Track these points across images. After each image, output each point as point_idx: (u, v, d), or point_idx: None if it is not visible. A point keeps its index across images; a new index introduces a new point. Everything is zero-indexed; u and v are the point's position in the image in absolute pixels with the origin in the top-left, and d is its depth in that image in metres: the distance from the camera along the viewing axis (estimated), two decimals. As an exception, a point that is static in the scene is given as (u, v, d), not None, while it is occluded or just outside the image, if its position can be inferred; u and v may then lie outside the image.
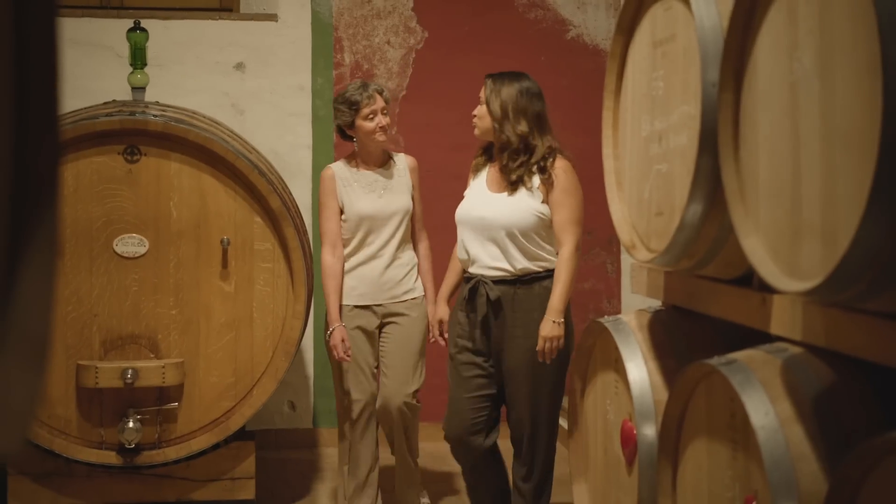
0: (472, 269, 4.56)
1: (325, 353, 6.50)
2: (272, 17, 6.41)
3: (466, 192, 4.67)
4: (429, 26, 6.59)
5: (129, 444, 5.01)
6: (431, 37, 6.59)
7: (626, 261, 6.71)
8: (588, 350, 3.99)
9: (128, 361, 5.01)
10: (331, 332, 4.93)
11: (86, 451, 5.05)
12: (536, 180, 4.49)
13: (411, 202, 5.06)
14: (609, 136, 3.86)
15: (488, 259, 4.52)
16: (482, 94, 4.58)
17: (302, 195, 6.39)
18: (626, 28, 3.73)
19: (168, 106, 5.34)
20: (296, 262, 5.08)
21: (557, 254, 4.51)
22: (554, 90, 6.73)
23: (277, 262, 5.11)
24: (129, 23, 5.52)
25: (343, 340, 4.89)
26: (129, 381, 4.93)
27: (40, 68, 1.24)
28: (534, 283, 4.51)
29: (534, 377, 4.52)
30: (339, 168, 5.03)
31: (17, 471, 5.09)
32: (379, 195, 4.99)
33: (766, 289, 2.96)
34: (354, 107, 4.93)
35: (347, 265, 4.98)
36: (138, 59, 5.36)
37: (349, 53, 6.52)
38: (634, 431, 3.56)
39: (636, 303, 5.99)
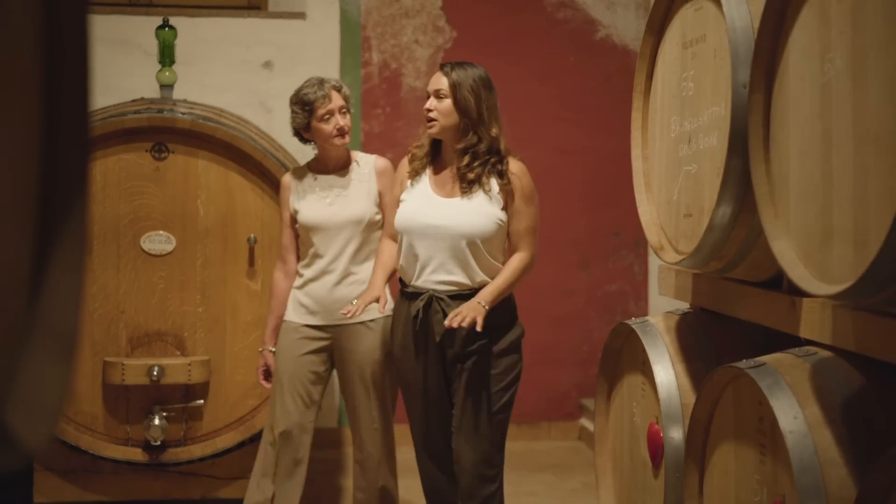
0: (420, 283, 3.98)
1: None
2: (300, 16, 6.41)
3: (404, 197, 4.06)
4: (457, 26, 6.58)
5: (155, 441, 5.02)
6: (460, 36, 6.58)
7: (653, 262, 6.69)
8: (615, 352, 3.98)
9: (154, 358, 5.02)
10: (260, 353, 4.66)
11: (112, 447, 5.06)
12: (495, 185, 3.94)
13: (374, 210, 4.46)
14: (638, 136, 3.85)
15: (442, 272, 3.94)
16: (443, 87, 3.97)
17: (329, 194, 6.39)
18: (656, 28, 3.72)
19: (196, 104, 5.35)
20: (323, 261, 5.07)
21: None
22: (582, 91, 6.72)
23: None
24: (158, 20, 5.53)
25: (266, 367, 4.60)
26: (156, 378, 4.94)
27: (70, 66, 1.24)
28: None
29: (484, 392, 3.98)
30: (295, 174, 4.56)
31: (43, 467, 5.11)
32: (330, 203, 4.47)
33: (796, 292, 2.94)
34: (308, 107, 4.41)
35: (300, 280, 4.51)
36: (167, 56, 5.37)
37: (377, 52, 6.52)
38: (661, 434, 3.55)
39: (664, 305, 5.97)
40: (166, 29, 5.41)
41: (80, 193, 1.22)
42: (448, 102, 3.95)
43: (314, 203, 4.46)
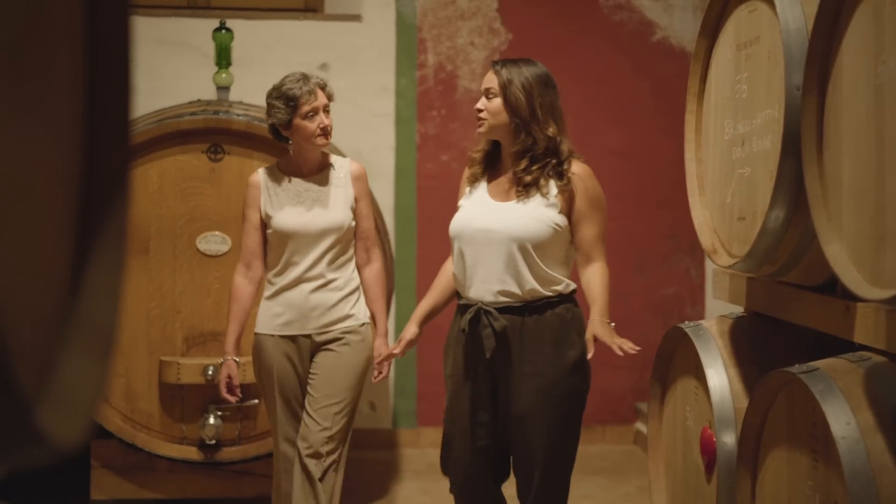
0: (471, 294, 3.70)
1: (405, 355, 6.51)
2: (356, 18, 6.44)
3: (462, 203, 3.82)
4: (513, 28, 6.58)
5: (210, 440, 5.06)
6: (515, 39, 6.58)
7: (710, 266, 6.64)
8: (668, 356, 3.96)
9: (209, 358, 5.06)
10: (220, 365, 4.32)
11: (167, 445, 5.11)
12: (554, 187, 3.67)
13: (351, 216, 4.20)
14: (692, 139, 3.83)
15: (493, 281, 3.66)
16: (493, 85, 3.71)
17: (384, 196, 6.41)
18: (710, 30, 3.69)
19: (251, 105, 5.39)
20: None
21: (585, 275, 3.75)
22: (639, 93, 6.69)
23: (357, 262, 5.12)
24: (216, 23, 5.58)
25: (230, 378, 4.24)
26: (211, 377, 4.98)
27: (112, 67, 1.25)
28: (545, 310, 3.68)
29: (545, 424, 3.68)
30: (265, 175, 4.22)
31: (100, 464, 5.17)
32: (307, 208, 4.16)
33: (850, 296, 2.91)
34: (292, 103, 4.09)
35: (271, 289, 4.18)
36: (223, 58, 5.41)
37: (433, 54, 6.53)
38: (714, 439, 3.53)
39: (720, 309, 5.93)
40: (223, 31, 5.45)
41: (121, 193, 1.23)
42: (498, 101, 3.69)
43: (289, 209, 4.16)
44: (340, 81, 6.34)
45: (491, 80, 3.73)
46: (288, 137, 4.16)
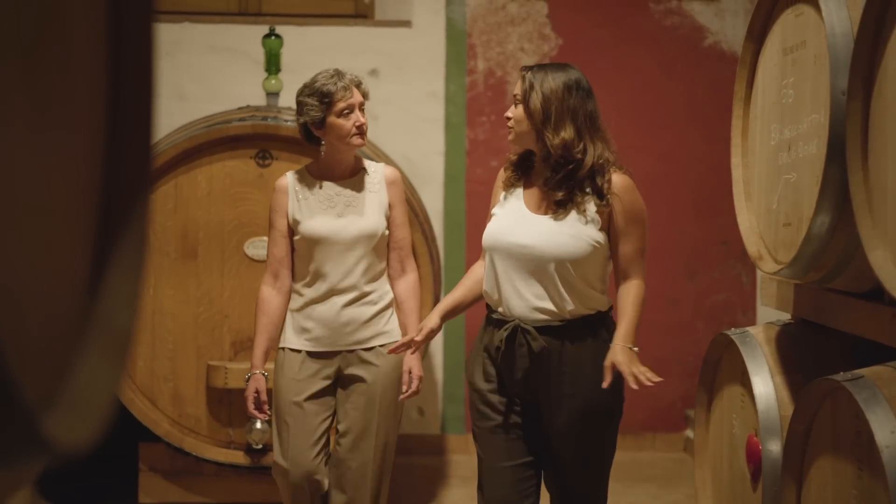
0: (507, 311, 3.53)
1: (454, 358, 6.51)
2: (406, 24, 6.45)
3: (496, 211, 3.63)
4: (563, 33, 6.56)
5: (257, 445, 5.08)
6: (565, 44, 6.56)
7: (760, 272, 6.59)
8: (715, 363, 3.93)
9: (257, 363, 5.07)
10: (247, 379, 4.03)
11: (214, 450, 5.13)
12: (592, 203, 3.49)
13: (385, 224, 3.97)
14: (738, 144, 3.80)
15: (531, 298, 3.49)
16: (518, 91, 3.55)
17: (434, 202, 6.41)
18: (757, 35, 3.67)
19: (300, 111, 5.41)
20: (423, 268, 5.08)
21: (618, 291, 3.58)
22: (690, 98, 6.65)
23: (404, 267, 5.12)
24: (266, 29, 5.61)
25: (258, 392, 3.97)
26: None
27: (135, 70, 1.26)
28: (585, 331, 3.52)
29: (582, 444, 3.56)
30: (294, 178, 3.99)
31: (148, 467, 5.21)
32: (339, 213, 3.92)
33: (896, 303, 2.88)
34: (327, 99, 3.85)
35: (300, 301, 3.95)
36: (272, 64, 5.44)
37: (482, 60, 6.52)
38: (760, 447, 3.50)
39: (771, 316, 5.87)
40: (272, 38, 5.48)
41: (142, 197, 1.23)
42: (521, 109, 3.52)
43: (320, 214, 3.92)
44: (390, 87, 6.35)
45: (517, 87, 3.58)
46: (320, 138, 3.93)
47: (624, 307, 3.51)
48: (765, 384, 3.52)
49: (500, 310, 3.55)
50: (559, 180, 3.48)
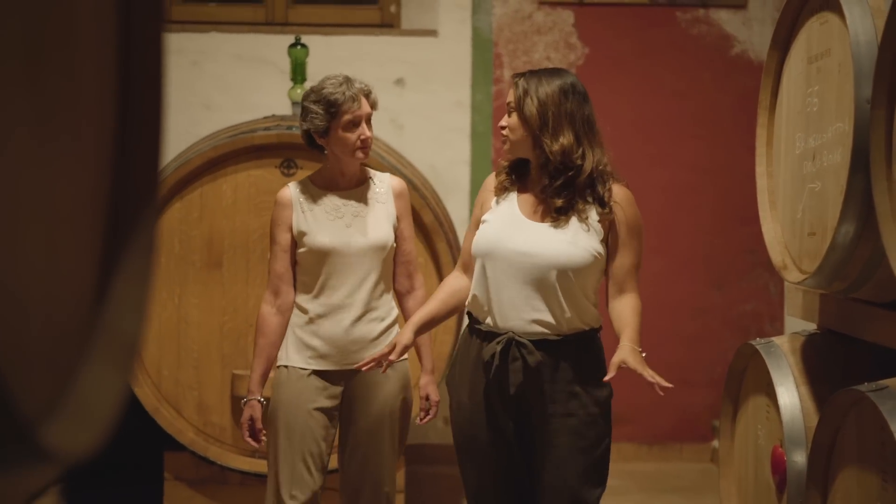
0: (497, 323, 3.35)
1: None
2: (432, 33, 6.45)
3: (487, 217, 3.44)
4: (589, 42, 6.55)
5: (282, 454, 5.07)
6: (592, 53, 6.55)
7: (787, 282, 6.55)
8: (740, 373, 3.91)
9: (282, 372, 5.07)
10: (243, 405, 3.84)
11: (240, 459, 5.13)
12: (594, 213, 3.35)
13: (393, 236, 3.79)
14: (763, 153, 3.79)
15: (525, 309, 3.31)
16: (511, 99, 3.39)
17: (459, 210, 6.40)
18: (782, 43, 3.65)
19: (325, 120, 5.42)
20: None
21: (614, 303, 3.40)
22: (717, 108, 6.62)
23: (429, 276, 5.11)
24: (292, 39, 5.62)
25: (252, 420, 3.78)
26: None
27: (144, 79, 1.26)
28: (582, 346, 3.37)
29: (575, 468, 3.36)
30: (297, 190, 3.80)
31: (173, 476, 5.21)
32: (347, 224, 3.73)
33: (921, 313, 2.85)
34: (333, 109, 3.66)
35: (303, 317, 3.74)
36: (298, 74, 5.45)
37: (508, 69, 6.51)
38: (784, 458, 3.48)
39: (799, 326, 5.84)
40: (298, 47, 5.49)
41: (150, 205, 1.23)
42: (516, 116, 3.37)
43: (327, 225, 3.72)
44: (416, 96, 6.35)
45: (510, 95, 3.43)
46: (323, 146, 3.76)
47: (626, 316, 3.34)
48: (790, 395, 3.49)
49: (487, 321, 3.38)
50: (558, 187, 3.33)
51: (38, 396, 1.00)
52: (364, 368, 3.51)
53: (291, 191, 3.80)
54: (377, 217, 3.77)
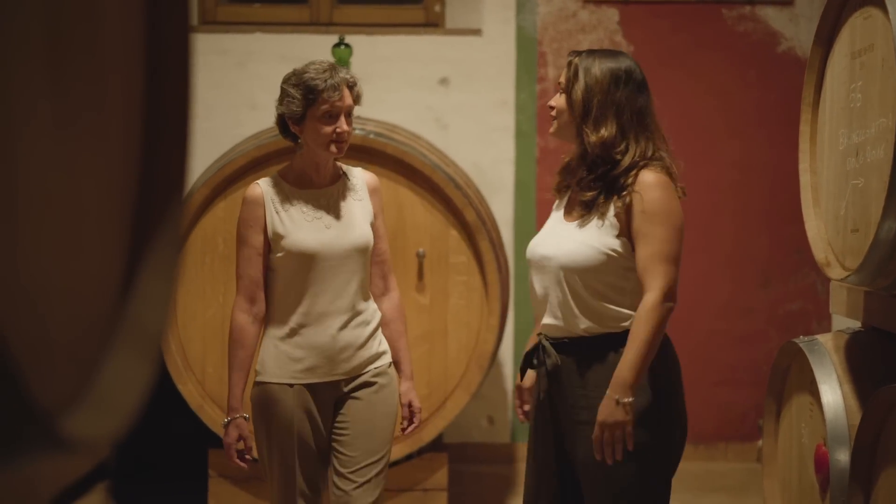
0: (540, 327, 3.20)
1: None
2: (477, 32, 6.45)
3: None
4: (634, 40, 6.52)
5: (326, 452, 5.07)
6: (637, 51, 6.52)
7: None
8: (784, 371, 3.88)
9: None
10: (225, 426, 3.45)
11: (284, 456, 5.15)
12: (612, 206, 3.07)
13: (373, 235, 3.51)
14: (806, 150, 3.76)
15: (549, 313, 3.13)
16: (562, 80, 3.15)
17: (504, 210, 6.40)
18: (825, 39, 3.62)
19: (369, 120, 5.44)
20: (490, 276, 5.08)
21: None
22: (763, 105, 6.58)
23: (472, 275, 5.12)
24: (335, 39, 5.64)
25: (241, 439, 3.41)
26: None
27: (171, 78, 1.27)
28: (606, 348, 3.08)
29: (609, 477, 3.06)
30: (269, 187, 3.45)
31: (217, 473, 5.24)
32: (326, 225, 3.43)
33: (964, 310, 2.82)
34: (311, 96, 3.37)
35: (283, 328, 3.41)
36: (342, 73, 5.46)
37: (553, 68, 6.50)
38: (828, 456, 3.45)
39: (847, 325, 5.79)
40: (341, 47, 5.52)
41: (176, 201, 1.25)
42: (564, 98, 3.13)
43: (306, 226, 3.41)
44: (460, 96, 6.36)
45: (563, 74, 3.18)
46: (297, 135, 3.45)
47: (628, 343, 3.01)
48: (833, 393, 3.47)
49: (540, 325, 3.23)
50: (591, 181, 3.09)
51: (60, 387, 1.01)
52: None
53: (262, 187, 3.45)
54: (357, 216, 3.49)
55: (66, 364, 1.03)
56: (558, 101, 3.16)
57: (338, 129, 3.38)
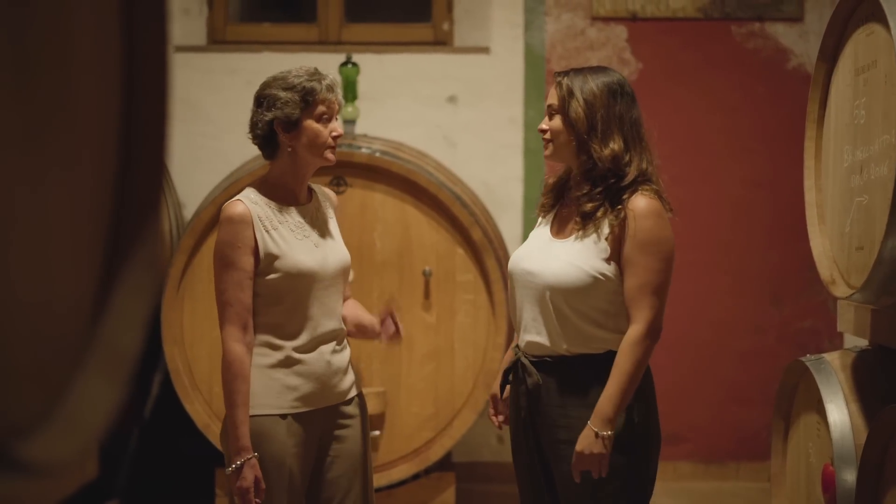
0: (519, 343, 3.15)
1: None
2: (485, 50, 6.45)
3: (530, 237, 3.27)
4: (643, 58, 6.51)
5: (333, 471, 5.05)
6: (646, 68, 6.51)
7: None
8: (791, 390, 3.86)
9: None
10: (237, 469, 3.07)
11: (291, 476, 5.14)
12: (606, 226, 3.02)
13: None
14: (811, 167, 3.75)
15: (531, 330, 3.09)
16: (553, 101, 3.11)
17: (513, 227, 6.39)
18: (829, 55, 3.61)
19: (376, 138, 5.44)
20: (497, 294, 5.06)
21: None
22: (773, 121, 6.56)
23: (478, 293, 5.11)
24: (343, 58, 5.65)
25: (258, 480, 3.07)
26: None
27: (147, 96, 1.27)
28: (587, 369, 3.05)
29: (591, 497, 3.03)
30: (254, 205, 3.16)
31: (224, 493, 5.22)
32: (314, 244, 3.22)
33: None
34: (308, 98, 3.14)
35: (276, 355, 3.17)
36: (349, 92, 5.47)
37: (561, 86, 6.50)
38: (835, 476, 3.42)
39: (858, 343, 5.76)
40: (349, 66, 5.52)
41: (152, 221, 1.24)
42: (559, 119, 3.08)
43: (298, 246, 3.19)
44: (468, 114, 6.35)
45: (552, 95, 3.14)
46: (287, 145, 3.17)
47: (611, 375, 2.98)
48: (839, 412, 3.44)
49: (517, 341, 3.19)
50: (596, 194, 3.04)
51: (26, 408, 1.00)
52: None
53: (249, 205, 3.16)
54: (336, 233, 3.32)
55: (32, 385, 1.02)
56: (552, 123, 3.11)
57: (334, 133, 3.18)
